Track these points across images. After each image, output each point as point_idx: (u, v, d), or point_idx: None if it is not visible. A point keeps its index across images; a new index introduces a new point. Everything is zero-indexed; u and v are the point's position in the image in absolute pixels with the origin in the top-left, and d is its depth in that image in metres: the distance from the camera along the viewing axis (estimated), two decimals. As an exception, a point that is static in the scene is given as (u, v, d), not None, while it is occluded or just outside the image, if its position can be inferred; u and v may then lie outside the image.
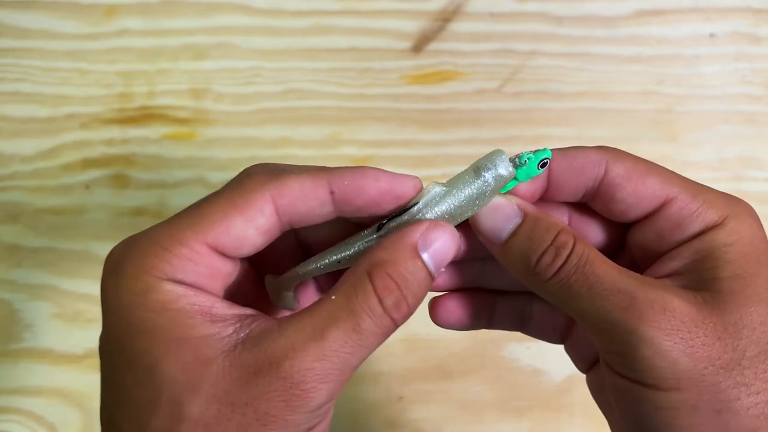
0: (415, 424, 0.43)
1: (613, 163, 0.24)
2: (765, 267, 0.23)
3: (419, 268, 0.22)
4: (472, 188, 0.24)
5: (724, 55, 0.48)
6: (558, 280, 0.23)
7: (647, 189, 0.24)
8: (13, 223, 0.45)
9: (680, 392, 0.21)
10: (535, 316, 0.28)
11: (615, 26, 0.48)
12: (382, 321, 0.21)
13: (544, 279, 0.23)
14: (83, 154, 0.46)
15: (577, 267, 0.22)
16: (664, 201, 0.24)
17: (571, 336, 0.28)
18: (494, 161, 0.24)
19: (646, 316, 0.21)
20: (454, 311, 0.28)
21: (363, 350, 0.21)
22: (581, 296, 0.22)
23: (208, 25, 0.48)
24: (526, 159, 0.24)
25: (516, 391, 0.43)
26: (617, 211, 0.25)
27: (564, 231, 0.23)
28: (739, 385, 0.21)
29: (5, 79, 0.47)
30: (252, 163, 0.24)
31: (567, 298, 0.23)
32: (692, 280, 0.23)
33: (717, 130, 0.47)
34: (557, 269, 0.23)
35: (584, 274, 0.22)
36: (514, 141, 0.47)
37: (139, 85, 0.47)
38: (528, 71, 0.48)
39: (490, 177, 0.24)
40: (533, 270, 0.23)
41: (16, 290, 0.44)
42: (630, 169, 0.24)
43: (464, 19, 0.48)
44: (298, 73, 0.47)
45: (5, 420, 0.43)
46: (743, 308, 0.22)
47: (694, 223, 0.24)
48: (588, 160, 0.24)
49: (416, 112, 0.47)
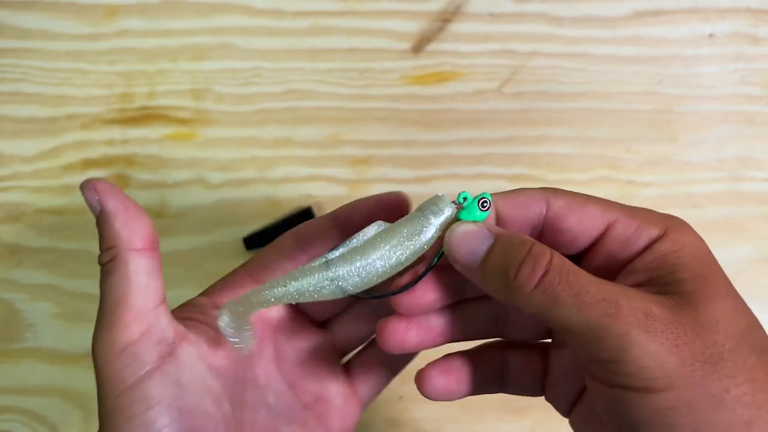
0: (415, 423, 0.43)
1: (553, 197, 0.26)
2: (716, 268, 0.24)
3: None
4: (413, 224, 0.26)
5: (723, 55, 0.48)
6: (542, 291, 0.23)
7: (589, 216, 0.25)
8: (13, 223, 0.45)
9: (673, 391, 0.21)
10: (511, 370, 0.29)
11: (614, 27, 0.48)
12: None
13: (528, 291, 0.23)
14: (84, 154, 0.46)
15: (560, 276, 0.23)
16: (607, 225, 0.25)
17: (548, 384, 0.29)
18: (435, 201, 0.26)
19: (633, 321, 0.22)
20: (440, 382, 0.28)
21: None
22: (567, 306, 0.22)
23: (208, 26, 0.48)
24: (464, 198, 0.26)
25: (516, 391, 0.44)
26: (565, 241, 0.26)
27: (537, 243, 0.24)
28: (727, 377, 0.22)
29: (6, 80, 0.47)
30: (252, 162, 0.24)
31: (552, 308, 0.23)
32: (656, 288, 0.24)
33: (716, 130, 0.47)
34: (539, 279, 0.23)
35: (569, 283, 0.23)
36: (514, 141, 0.47)
37: (139, 86, 0.47)
38: (527, 72, 0.48)
39: (429, 213, 0.26)
40: (513, 284, 0.23)
41: (17, 290, 0.45)
42: (570, 200, 0.26)
43: (464, 19, 0.48)
44: (298, 74, 0.47)
45: (6, 419, 0.43)
46: (711, 305, 0.23)
47: (639, 239, 0.25)
48: (529, 196, 0.26)
49: (416, 113, 0.47)
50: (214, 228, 0.45)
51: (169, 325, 0.26)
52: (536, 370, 0.29)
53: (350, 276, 0.26)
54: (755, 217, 0.46)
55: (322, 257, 0.26)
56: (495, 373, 0.29)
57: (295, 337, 0.31)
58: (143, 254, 0.27)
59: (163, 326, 0.26)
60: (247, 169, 0.46)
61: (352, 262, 0.26)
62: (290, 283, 0.26)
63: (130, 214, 0.27)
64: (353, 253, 0.26)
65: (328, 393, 0.30)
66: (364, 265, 0.26)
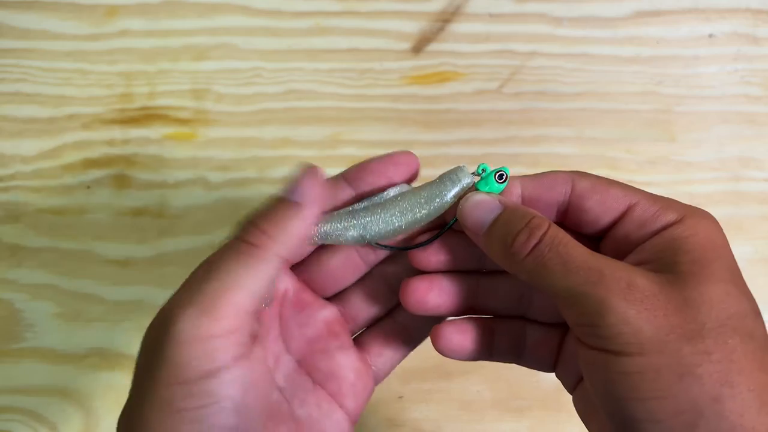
0: (414, 423, 0.43)
1: (578, 179, 0.27)
2: (722, 256, 0.25)
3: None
4: (433, 189, 0.28)
5: (723, 55, 0.48)
6: (533, 258, 0.25)
7: (611, 197, 0.27)
8: (14, 223, 0.45)
9: (644, 357, 0.22)
10: (528, 343, 0.30)
11: (614, 27, 0.49)
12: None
13: (521, 257, 0.25)
14: (84, 154, 0.46)
15: (551, 246, 0.25)
16: (628, 206, 0.27)
17: (560, 360, 0.30)
18: (456, 171, 0.29)
19: (613, 289, 0.23)
20: (455, 339, 0.29)
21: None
22: (555, 273, 0.24)
23: (208, 26, 0.48)
24: (483, 169, 0.28)
25: (515, 391, 0.44)
26: (588, 221, 0.27)
27: (538, 217, 0.26)
28: (701, 352, 0.22)
29: (6, 80, 0.47)
30: (252, 163, 0.25)
31: (542, 274, 0.25)
32: (655, 267, 0.25)
33: (716, 130, 0.47)
34: (532, 247, 0.25)
35: (558, 253, 0.24)
36: (514, 141, 0.47)
37: (140, 86, 0.47)
38: (527, 72, 0.48)
39: (448, 180, 0.28)
40: (510, 250, 0.25)
41: (18, 290, 0.45)
42: (594, 182, 0.27)
43: (464, 19, 0.48)
44: (298, 74, 0.47)
45: (7, 419, 0.43)
46: (701, 286, 0.23)
47: (655, 222, 0.26)
48: (556, 177, 0.28)
49: (416, 113, 0.47)
50: (214, 228, 0.45)
51: (255, 328, 0.26)
52: (553, 347, 0.30)
53: (371, 226, 0.28)
54: (755, 217, 0.46)
55: (349, 207, 0.29)
56: (512, 343, 0.30)
57: (303, 314, 0.30)
58: (285, 265, 0.26)
59: (252, 329, 0.25)
60: (247, 169, 0.46)
61: (374, 214, 0.28)
62: (320, 224, 0.28)
63: (306, 227, 0.27)
64: (376, 207, 0.28)
65: (340, 369, 0.30)
66: (384, 218, 0.28)
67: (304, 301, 0.30)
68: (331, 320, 0.31)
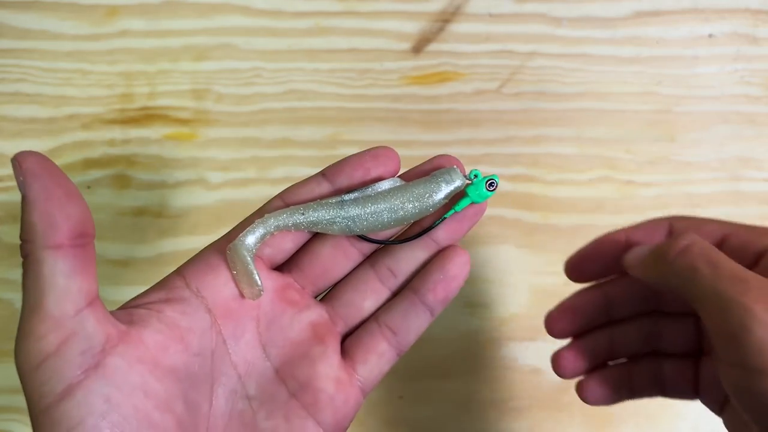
0: (414, 423, 0.43)
1: (675, 221, 0.30)
2: None
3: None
4: (425, 186, 0.28)
5: (722, 55, 0.48)
6: (684, 258, 0.26)
7: (706, 230, 0.29)
8: (14, 223, 0.45)
9: None
10: (667, 377, 0.31)
11: (614, 27, 0.49)
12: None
13: (671, 258, 0.26)
14: (84, 154, 0.46)
15: (701, 250, 0.26)
16: (722, 237, 0.28)
17: (701, 387, 0.31)
18: (449, 171, 0.29)
19: (760, 299, 0.23)
20: (599, 391, 0.32)
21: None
22: (704, 275, 0.25)
23: (208, 26, 0.48)
24: (475, 175, 0.29)
25: (515, 391, 0.44)
26: None
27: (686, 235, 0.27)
28: None
29: (6, 80, 0.47)
30: (252, 162, 0.25)
31: (691, 276, 0.25)
32: None
33: (715, 130, 0.47)
34: (682, 248, 0.26)
35: (708, 257, 0.25)
36: (514, 141, 0.47)
37: (140, 86, 0.47)
38: (527, 72, 0.48)
39: (442, 180, 0.28)
40: (661, 251, 0.27)
41: (18, 290, 0.44)
42: (690, 220, 0.30)
43: (464, 20, 0.48)
44: (298, 74, 0.47)
45: (7, 419, 0.43)
46: None
47: (754, 246, 0.27)
48: (656, 222, 0.30)
49: (416, 113, 0.47)
50: (214, 228, 0.45)
51: (97, 330, 0.23)
52: (689, 376, 0.31)
53: (359, 219, 0.28)
54: (755, 217, 0.46)
55: (338, 197, 0.28)
56: (651, 381, 0.32)
57: (288, 315, 0.28)
58: (62, 252, 0.23)
59: (89, 333, 0.23)
60: (247, 169, 0.46)
61: (363, 206, 0.28)
62: (308, 213, 0.28)
63: (52, 203, 0.23)
64: (366, 199, 0.28)
65: (318, 379, 0.28)
66: (373, 212, 0.28)
67: (291, 299, 0.29)
68: (317, 322, 0.29)
